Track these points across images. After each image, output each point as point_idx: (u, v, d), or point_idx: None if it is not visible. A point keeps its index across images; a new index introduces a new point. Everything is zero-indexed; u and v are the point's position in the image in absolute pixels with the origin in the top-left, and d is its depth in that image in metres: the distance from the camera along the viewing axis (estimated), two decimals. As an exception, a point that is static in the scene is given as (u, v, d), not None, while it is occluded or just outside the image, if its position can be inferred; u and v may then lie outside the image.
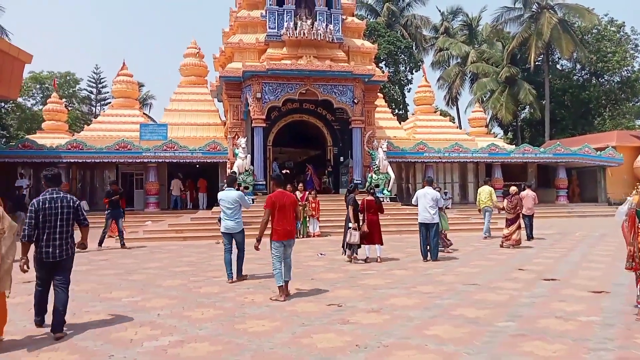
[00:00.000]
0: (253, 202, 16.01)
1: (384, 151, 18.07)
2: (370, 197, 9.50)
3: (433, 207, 9.13)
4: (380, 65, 35.05)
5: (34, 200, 4.90)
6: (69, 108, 42.07)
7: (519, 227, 11.34)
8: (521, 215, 11.79)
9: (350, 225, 9.13)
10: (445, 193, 22.46)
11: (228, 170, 18.27)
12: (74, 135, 23.80)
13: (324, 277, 7.77)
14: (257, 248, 6.38)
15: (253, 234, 13.26)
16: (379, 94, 22.51)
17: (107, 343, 4.55)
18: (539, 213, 15.33)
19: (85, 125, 25.10)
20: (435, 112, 28.33)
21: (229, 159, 18.71)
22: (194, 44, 25.58)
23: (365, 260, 9.13)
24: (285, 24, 17.98)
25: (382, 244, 9.36)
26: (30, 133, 27.28)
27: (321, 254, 10.28)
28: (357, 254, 9.24)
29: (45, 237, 4.82)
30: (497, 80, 37.56)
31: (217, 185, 20.22)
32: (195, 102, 23.78)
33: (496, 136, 38.82)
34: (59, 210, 4.89)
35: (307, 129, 21.09)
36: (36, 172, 20.56)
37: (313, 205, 14.00)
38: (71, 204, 4.98)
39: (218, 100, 23.37)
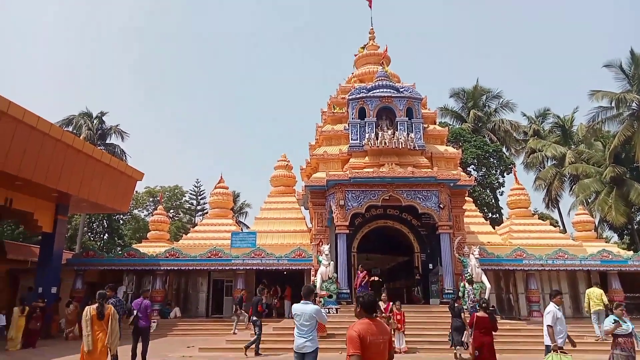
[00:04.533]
0: (337, 312, 15.42)
1: (476, 258, 16.84)
2: (482, 314, 8.08)
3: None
4: (468, 169, 34.43)
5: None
6: (175, 218, 46.07)
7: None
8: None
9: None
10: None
11: (312, 277, 18.10)
12: (173, 243, 25.56)
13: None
14: None
15: (336, 347, 12.66)
16: (467, 198, 21.74)
17: None
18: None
19: (184, 234, 26.97)
20: (532, 215, 26.45)
21: (313, 266, 18.64)
22: (284, 157, 27.38)
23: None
24: (367, 135, 18.69)
25: None
26: (140, 241, 29.86)
27: (406, 375, 9.27)
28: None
29: None
30: (601, 180, 34.75)
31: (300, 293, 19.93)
32: (283, 210, 24.73)
33: (608, 241, 34.84)
34: None
35: (393, 235, 20.63)
36: (139, 279, 22.03)
37: (398, 317, 13.07)
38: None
39: (305, 208, 24.09)
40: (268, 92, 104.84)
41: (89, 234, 39.34)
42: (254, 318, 12.66)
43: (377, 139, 18.58)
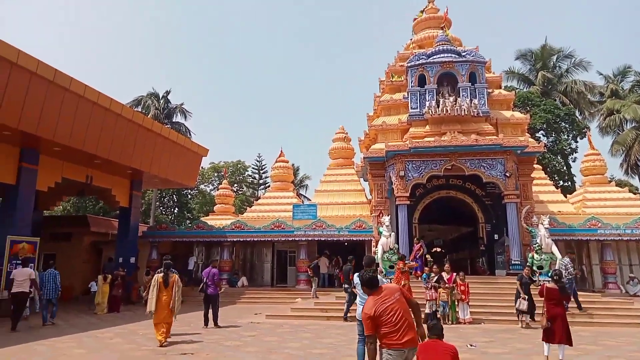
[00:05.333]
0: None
1: (545, 228, 16.08)
2: (552, 285, 7.86)
3: None
4: (537, 135, 32.57)
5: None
6: (239, 192, 47.72)
7: None
8: None
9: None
10: (633, 279, 18.81)
11: (373, 248, 18.20)
12: (238, 216, 26.56)
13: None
14: None
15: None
16: (536, 165, 20.67)
17: None
18: None
19: (248, 207, 27.92)
20: (609, 182, 24.71)
21: (374, 237, 18.71)
22: (342, 129, 27.28)
23: (545, 363, 7.47)
24: (427, 103, 18.12)
25: (570, 344, 7.47)
26: (207, 215, 31.35)
27: (471, 345, 9.19)
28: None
29: None
30: (689, 143, 31.65)
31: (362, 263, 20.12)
32: (342, 182, 24.84)
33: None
34: None
35: (456, 205, 20.13)
36: (207, 250, 23.24)
37: (462, 288, 12.88)
38: None
39: (364, 180, 24.04)
40: (326, 63, 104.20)
41: (161, 208, 41.76)
42: (345, 285, 13.18)
43: (438, 106, 17.98)
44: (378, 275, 7.32)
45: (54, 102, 13.62)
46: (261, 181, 50.33)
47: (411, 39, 24.04)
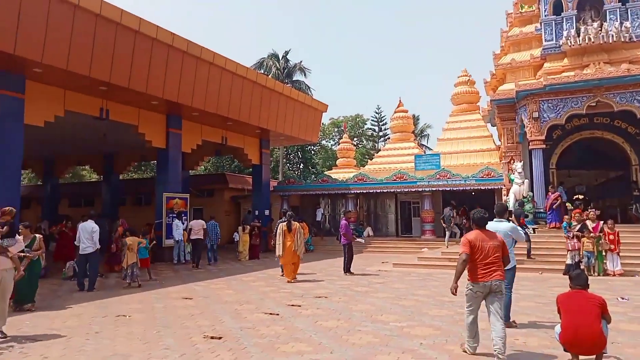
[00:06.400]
0: (534, 232, 14.49)
1: None
2: None
3: None
4: None
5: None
6: (359, 146, 48.21)
7: None
8: None
9: None
10: None
11: (504, 197, 17.21)
12: (360, 169, 26.97)
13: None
14: None
15: (536, 267, 12.12)
16: None
17: (371, 363, 4.81)
18: None
19: (369, 160, 28.15)
20: None
21: (504, 185, 17.64)
22: (465, 72, 25.56)
23: None
24: (565, 33, 15.98)
25: None
26: (330, 169, 32.42)
27: (623, 299, 8.36)
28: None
29: None
30: None
31: (492, 212, 19.19)
32: (467, 129, 23.57)
33: None
34: None
35: (601, 147, 17.86)
36: (332, 202, 24.19)
37: (611, 237, 11.61)
38: None
39: (492, 125, 22.50)
40: (443, 1, 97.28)
41: (288, 164, 44.13)
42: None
43: (578, 35, 15.78)
44: (512, 223, 6.97)
45: (189, 71, 14.93)
46: (381, 133, 50.03)
47: (544, -39, 21.11)
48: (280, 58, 39.52)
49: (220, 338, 5.85)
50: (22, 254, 7.56)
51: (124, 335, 6.08)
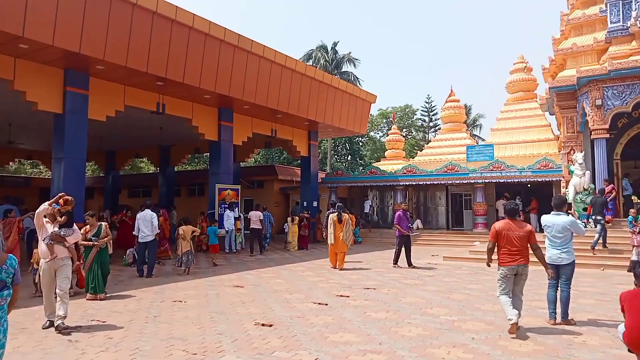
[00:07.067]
0: (596, 226, 13.69)
1: None
2: None
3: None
4: None
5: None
6: (409, 137, 47.47)
7: None
8: None
9: None
10: None
11: (562, 190, 16.41)
12: (409, 160, 26.55)
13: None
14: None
15: (595, 264, 11.49)
16: None
17: (421, 356, 4.76)
18: None
19: (419, 151, 27.62)
20: None
21: (562, 177, 16.80)
22: (521, 58, 24.42)
23: None
24: (633, 13, 14.86)
25: None
26: (378, 161, 32.16)
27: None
28: None
29: None
30: None
31: (550, 205, 18.35)
32: (523, 118, 22.59)
33: None
34: None
35: (674, 136, 16.57)
36: (381, 194, 24.00)
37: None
38: None
39: (550, 114, 21.42)
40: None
41: (335, 156, 44.19)
42: (599, 217, 12.50)
43: (648, 16, 14.65)
44: (572, 217, 6.68)
45: (240, 65, 15.23)
46: (431, 124, 49.01)
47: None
48: (329, 49, 39.47)
49: (270, 325, 6.00)
50: (90, 242, 8.03)
51: (180, 320, 6.36)
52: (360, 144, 46.30)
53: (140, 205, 11.63)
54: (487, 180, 19.86)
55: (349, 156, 45.14)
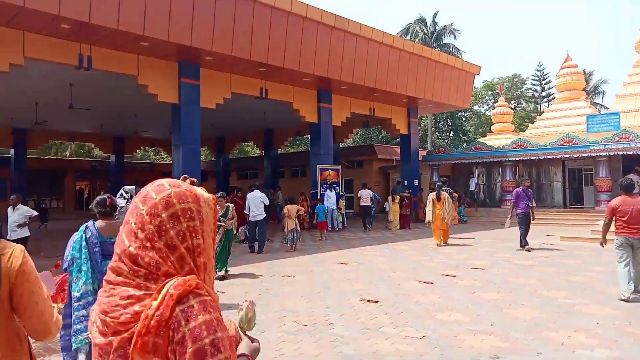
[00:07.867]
0: None
1: None
2: None
3: None
4: None
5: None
6: (518, 109, 44.17)
7: None
8: None
9: None
10: None
11: None
12: (519, 134, 24.74)
13: None
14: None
15: None
16: None
17: (537, 340, 4.50)
18: None
19: (530, 124, 25.58)
20: None
21: None
22: (655, 11, 21.24)
23: None
24: None
25: None
26: (483, 136, 30.44)
27: None
28: None
29: None
30: None
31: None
32: (657, 80, 19.77)
33: None
34: None
35: None
36: (487, 171, 22.74)
37: None
38: None
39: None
40: None
41: (436, 133, 42.65)
42: None
43: None
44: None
45: (337, 45, 15.27)
46: (543, 93, 45.05)
47: None
48: (428, 22, 37.90)
49: (376, 302, 6.07)
50: (219, 223, 8.70)
51: (290, 293, 6.71)
52: (464, 119, 44.14)
53: (250, 186, 12.34)
54: (612, 153, 17.80)
55: (451, 132, 43.31)
